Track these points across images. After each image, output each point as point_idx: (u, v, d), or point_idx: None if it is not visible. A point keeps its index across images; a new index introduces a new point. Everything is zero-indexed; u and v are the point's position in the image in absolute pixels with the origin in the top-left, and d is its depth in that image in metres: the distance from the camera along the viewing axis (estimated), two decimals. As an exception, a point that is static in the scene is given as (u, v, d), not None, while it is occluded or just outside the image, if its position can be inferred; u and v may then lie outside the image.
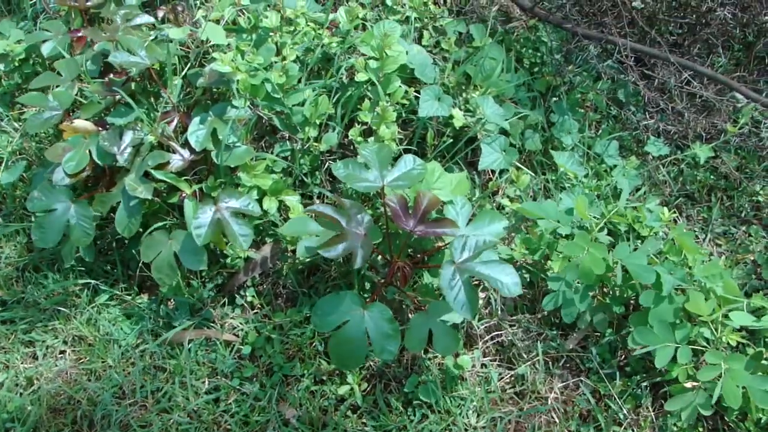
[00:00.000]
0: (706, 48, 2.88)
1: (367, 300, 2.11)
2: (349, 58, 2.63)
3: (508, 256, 2.44)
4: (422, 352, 2.40)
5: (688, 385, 2.23)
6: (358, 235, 2.04)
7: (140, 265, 2.52)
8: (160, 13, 2.64)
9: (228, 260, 2.48)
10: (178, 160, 2.33)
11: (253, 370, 2.38)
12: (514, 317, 2.51)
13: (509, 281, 1.97)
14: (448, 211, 2.29)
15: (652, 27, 2.81)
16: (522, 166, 2.69)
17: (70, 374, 2.40)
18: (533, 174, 2.72)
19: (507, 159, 2.57)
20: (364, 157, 2.21)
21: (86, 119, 2.39)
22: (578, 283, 2.30)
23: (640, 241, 2.49)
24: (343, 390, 2.33)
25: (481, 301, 2.51)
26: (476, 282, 2.53)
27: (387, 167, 2.21)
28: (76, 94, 2.46)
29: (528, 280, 2.52)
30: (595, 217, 2.44)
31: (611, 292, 2.42)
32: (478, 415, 2.32)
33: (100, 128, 2.39)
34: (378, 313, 2.04)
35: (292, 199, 2.43)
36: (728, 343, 2.24)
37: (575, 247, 2.25)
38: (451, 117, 2.55)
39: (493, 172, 2.73)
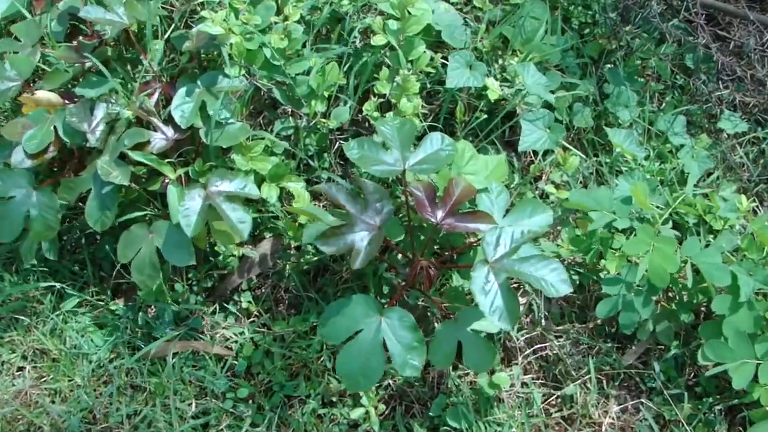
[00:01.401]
0: (793, 3, 2.86)
1: (385, 306, 2.13)
2: (364, 18, 2.63)
3: (553, 254, 2.44)
4: (451, 368, 2.40)
5: (772, 409, 2.22)
6: (368, 227, 2.04)
7: (115, 264, 2.50)
8: (138, -35, 2.64)
9: (219, 258, 2.48)
10: (160, 139, 2.33)
11: (250, 390, 2.38)
12: (561, 327, 2.50)
13: (555, 279, 1.96)
14: (482, 200, 2.29)
15: (727, -21, 2.80)
16: (570, 147, 2.67)
17: (30, 395, 2.40)
18: (583, 156, 2.70)
19: (552, 138, 2.56)
20: (383, 135, 2.21)
21: (50, 90, 2.39)
22: (639, 286, 2.29)
23: (712, 235, 2.47)
24: (356, 414, 2.33)
25: (521, 308, 2.50)
26: (515, 284, 2.53)
27: (409, 147, 2.21)
28: (39, 61, 2.45)
29: (577, 282, 2.51)
30: (657, 207, 2.42)
31: (678, 297, 2.41)
32: (519, 444, 2.33)
33: (66, 101, 2.39)
34: (398, 320, 2.05)
35: (296, 186, 2.43)
36: (820, 359, 2.22)
37: (637, 244, 2.23)
38: (485, 88, 2.55)
39: (535, 153, 2.73)
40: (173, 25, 2.55)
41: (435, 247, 2.49)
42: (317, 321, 2.38)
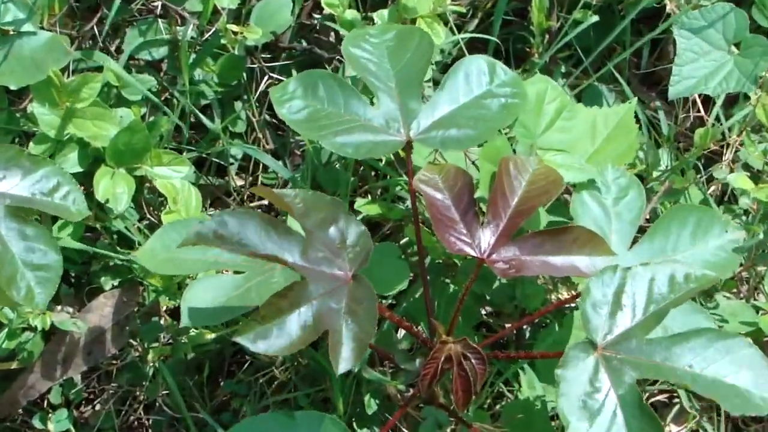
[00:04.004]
0: None
1: None
2: None
3: (746, 326, 2.45)
4: None
5: None
6: (334, 282, 2.02)
7: None
8: None
9: (1, 337, 2.47)
10: None
11: None
12: None
13: (749, 381, 1.91)
14: (582, 206, 2.31)
15: None
16: (786, 89, 2.71)
17: None
18: (815, 109, 2.73)
19: (744, 67, 2.55)
20: (359, 66, 2.24)
21: None
22: None
23: None
24: None
25: None
26: (657, 394, 2.59)
27: (419, 91, 2.22)
28: None
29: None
30: None
31: None
32: None
33: None
34: None
35: (173, 174, 2.48)
36: None
37: None
38: (593, -39, 2.59)
39: (706, 102, 2.77)
40: None
41: (482, 311, 2.52)
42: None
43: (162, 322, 2.55)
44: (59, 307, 2.48)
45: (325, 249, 2.00)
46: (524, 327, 2.47)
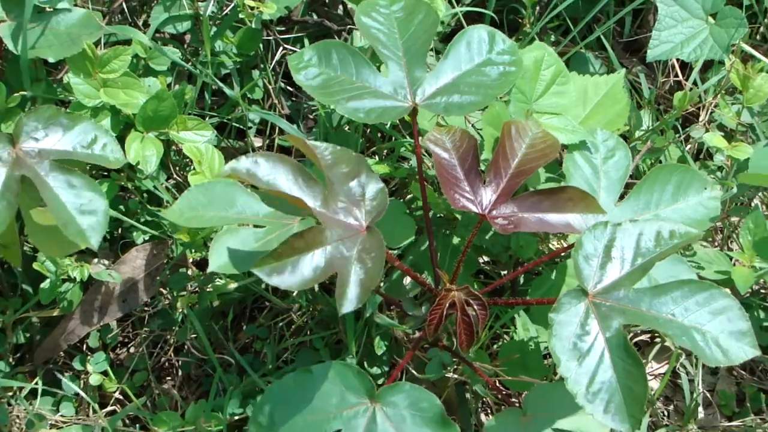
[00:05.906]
0: None
1: (383, 381, 2.15)
2: None
3: (720, 275, 2.45)
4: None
5: None
6: (347, 230, 2.01)
7: None
8: None
9: (44, 286, 2.45)
10: None
11: None
12: (739, 423, 2.49)
13: (723, 330, 1.94)
14: (574, 166, 2.33)
15: None
16: (758, 54, 2.67)
17: None
18: (787, 71, 2.64)
19: (719, 35, 2.55)
20: (369, 36, 2.25)
21: None
22: None
23: None
24: None
25: (654, 384, 2.50)
26: (643, 336, 2.58)
27: (425, 60, 2.23)
28: None
29: (775, 333, 2.48)
30: None
31: None
32: None
33: None
34: (408, 407, 2.05)
35: (197, 138, 2.49)
36: None
37: None
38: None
39: (685, 66, 2.70)
40: None
41: (480, 260, 2.56)
42: (249, 413, 2.41)
43: (189, 272, 2.55)
44: (96, 260, 2.48)
45: (345, 200, 2.01)
46: (519, 277, 2.44)
